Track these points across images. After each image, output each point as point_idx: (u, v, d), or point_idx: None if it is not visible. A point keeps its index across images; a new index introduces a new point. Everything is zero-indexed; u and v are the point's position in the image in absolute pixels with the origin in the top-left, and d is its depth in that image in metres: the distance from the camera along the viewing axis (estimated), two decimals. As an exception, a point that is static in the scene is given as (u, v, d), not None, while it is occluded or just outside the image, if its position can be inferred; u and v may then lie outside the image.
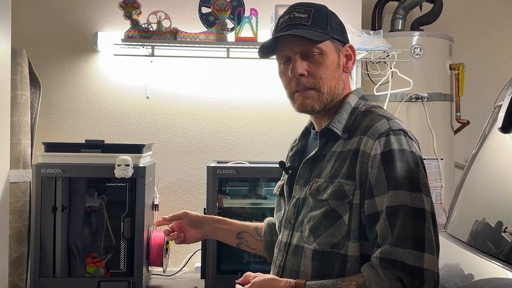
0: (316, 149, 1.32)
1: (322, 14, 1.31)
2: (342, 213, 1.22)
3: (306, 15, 1.29)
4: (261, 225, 1.61)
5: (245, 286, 1.26)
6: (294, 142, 1.48)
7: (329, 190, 1.24)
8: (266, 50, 1.35)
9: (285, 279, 1.24)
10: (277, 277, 1.27)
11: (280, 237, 1.38)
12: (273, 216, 1.61)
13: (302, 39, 1.26)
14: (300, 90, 1.30)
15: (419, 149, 1.25)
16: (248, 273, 1.30)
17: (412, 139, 1.24)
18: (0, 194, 2.10)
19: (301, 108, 1.32)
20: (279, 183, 1.50)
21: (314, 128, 1.42)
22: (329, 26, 1.30)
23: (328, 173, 1.27)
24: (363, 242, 1.21)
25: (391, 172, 1.17)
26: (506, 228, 1.29)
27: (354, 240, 1.21)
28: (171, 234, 1.56)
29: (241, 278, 1.30)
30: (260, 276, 1.26)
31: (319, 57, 1.29)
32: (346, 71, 1.36)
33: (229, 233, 1.58)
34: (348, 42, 1.37)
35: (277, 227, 1.45)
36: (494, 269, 1.26)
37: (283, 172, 1.47)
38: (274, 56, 1.37)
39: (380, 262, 1.14)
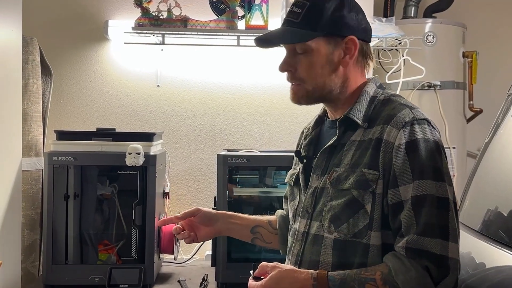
0: (335, 138, 1.31)
1: (317, 9, 1.26)
2: (364, 202, 1.21)
3: (300, 10, 1.27)
4: (273, 217, 1.57)
5: (263, 280, 1.21)
6: (307, 131, 1.46)
7: (351, 179, 1.23)
8: (263, 42, 1.37)
9: (306, 270, 1.21)
10: (297, 268, 1.24)
11: (296, 226, 1.36)
12: (282, 207, 1.59)
13: None
14: (291, 84, 1.34)
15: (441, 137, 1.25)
16: (265, 263, 1.24)
17: (435, 129, 1.24)
18: (13, 181, 2.11)
19: (292, 101, 1.35)
20: (291, 172, 1.49)
21: (328, 117, 1.41)
22: (322, 21, 1.25)
23: (348, 162, 1.25)
24: (384, 231, 1.20)
25: (416, 161, 1.17)
26: (519, 217, 1.28)
27: (377, 229, 1.20)
28: (182, 232, 1.50)
29: (257, 270, 1.25)
30: (279, 267, 1.22)
31: (303, 56, 1.28)
32: (344, 65, 1.29)
33: (243, 228, 1.54)
34: (352, 34, 1.28)
35: (290, 216, 1.44)
36: (506, 258, 1.26)
37: (296, 161, 1.46)
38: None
39: (406, 251, 1.14)
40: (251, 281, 1.25)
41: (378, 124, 1.24)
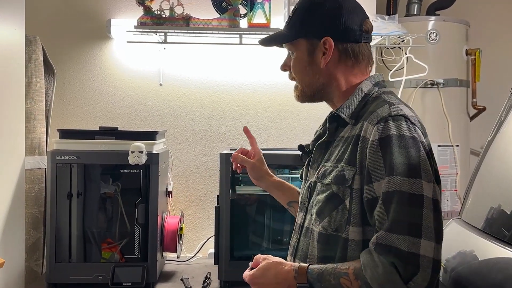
0: (327, 134, 1.35)
1: (298, 12, 1.34)
2: (344, 198, 1.23)
3: (291, 14, 1.36)
4: None
5: (253, 270, 1.29)
6: (318, 127, 1.49)
7: (332, 175, 1.26)
8: (263, 42, 1.45)
9: (290, 263, 1.28)
10: (283, 261, 1.29)
11: (296, 218, 1.42)
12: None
13: None
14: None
15: (424, 134, 1.23)
16: (258, 255, 1.33)
17: (415, 125, 1.21)
18: (16, 180, 2.12)
19: (295, 99, 1.41)
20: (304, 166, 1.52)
21: None
22: (301, 23, 1.33)
23: (335, 157, 1.29)
24: (366, 227, 1.21)
25: (388, 157, 1.17)
26: (522, 215, 1.27)
27: (355, 225, 1.21)
28: (235, 162, 1.63)
29: (253, 262, 1.34)
30: (268, 259, 1.30)
31: (293, 57, 1.37)
32: (324, 65, 1.31)
33: (282, 199, 1.62)
34: (327, 35, 1.29)
35: None
36: (509, 256, 1.25)
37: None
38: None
39: (376, 247, 1.14)
40: (246, 271, 1.33)
41: (361, 121, 1.26)
